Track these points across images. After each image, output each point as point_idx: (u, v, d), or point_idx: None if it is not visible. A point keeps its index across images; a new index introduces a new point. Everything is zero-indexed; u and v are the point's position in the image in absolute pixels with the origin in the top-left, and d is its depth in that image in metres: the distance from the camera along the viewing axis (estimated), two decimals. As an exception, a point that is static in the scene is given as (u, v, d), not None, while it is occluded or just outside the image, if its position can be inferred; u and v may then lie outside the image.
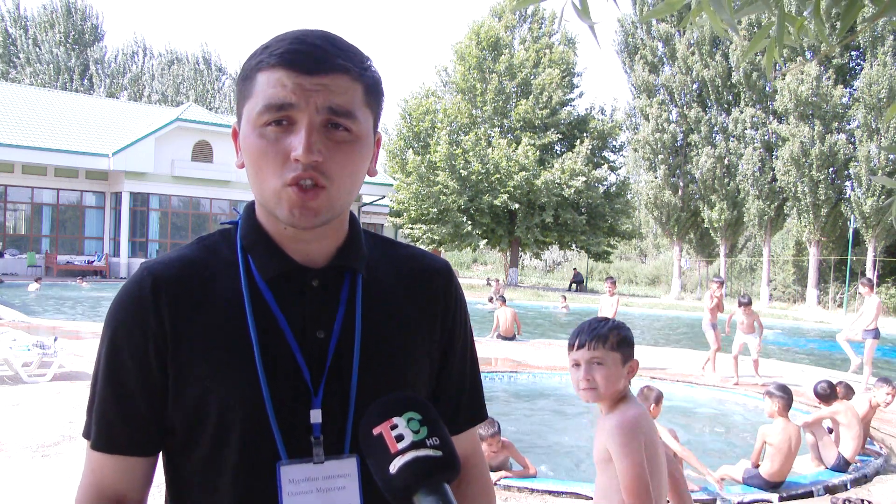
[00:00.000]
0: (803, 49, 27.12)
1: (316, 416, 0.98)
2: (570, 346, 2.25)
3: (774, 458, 5.14)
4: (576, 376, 2.23)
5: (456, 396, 1.15)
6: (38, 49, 48.87)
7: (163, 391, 0.98)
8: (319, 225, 0.97)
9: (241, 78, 0.99)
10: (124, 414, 0.99)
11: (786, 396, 5.30)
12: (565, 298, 23.44)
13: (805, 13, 1.79)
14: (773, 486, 5.18)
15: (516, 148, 31.36)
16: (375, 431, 0.82)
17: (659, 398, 4.92)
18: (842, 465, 5.71)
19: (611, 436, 2.16)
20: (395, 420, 0.82)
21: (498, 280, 23.15)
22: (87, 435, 1.02)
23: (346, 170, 0.96)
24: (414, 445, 0.80)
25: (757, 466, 5.32)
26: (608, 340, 2.19)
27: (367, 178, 1.06)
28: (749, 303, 10.10)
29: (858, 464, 5.85)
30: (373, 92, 0.99)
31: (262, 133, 0.94)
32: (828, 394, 5.92)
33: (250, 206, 1.07)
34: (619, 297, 11.75)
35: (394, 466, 0.79)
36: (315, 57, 0.93)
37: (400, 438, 0.80)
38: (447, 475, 0.80)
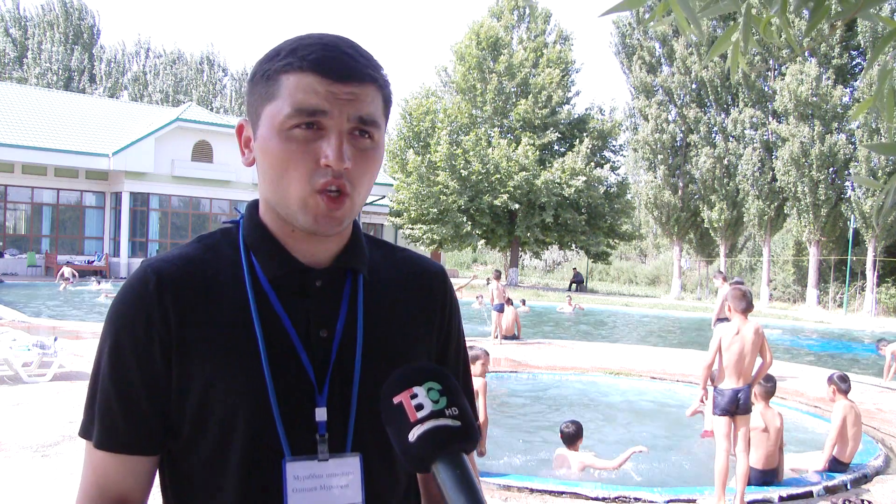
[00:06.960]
0: (803, 50, 27.10)
1: (321, 414, 0.99)
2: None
3: (758, 444, 5.25)
4: None
5: None
6: (39, 49, 48.88)
7: (167, 390, 0.98)
8: (338, 232, 0.99)
9: (261, 77, 0.98)
10: (129, 412, 0.98)
11: (769, 385, 5.46)
12: (572, 299, 23.32)
13: (772, 11, 1.77)
14: (766, 474, 5.23)
15: (516, 148, 31.33)
16: (395, 400, 0.83)
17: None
18: (837, 465, 5.73)
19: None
20: (416, 389, 0.83)
21: (481, 296, 21.50)
22: (85, 434, 1.02)
23: (367, 175, 0.98)
24: (433, 415, 0.81)
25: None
26: None
27: None
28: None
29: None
30: (389, 102, 1.03)
31: (288, 136, 0.94)
32: (845, 385, 5.98)
33: (252, 206, 1.07)
34: None
35: (412, 435, 0.80)
36: (346, 65, 0.95)
37: (419, 408, 0.81)
38: (465, 445, 0.81)
